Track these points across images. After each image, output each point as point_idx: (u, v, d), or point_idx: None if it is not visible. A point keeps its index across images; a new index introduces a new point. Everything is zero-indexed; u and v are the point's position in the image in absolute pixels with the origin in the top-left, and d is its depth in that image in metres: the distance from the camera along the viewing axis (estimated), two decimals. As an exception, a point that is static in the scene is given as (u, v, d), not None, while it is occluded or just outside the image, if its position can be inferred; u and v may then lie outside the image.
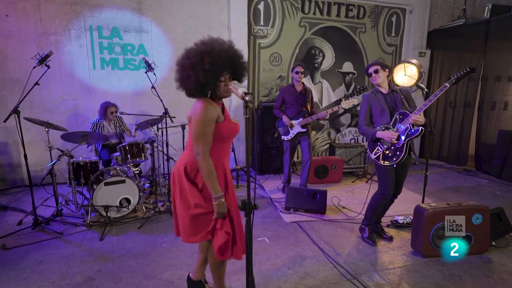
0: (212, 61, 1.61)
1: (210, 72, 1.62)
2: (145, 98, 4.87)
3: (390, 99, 2.85)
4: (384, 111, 2.84)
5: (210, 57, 1.61)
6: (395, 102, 2.84)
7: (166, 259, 2.64)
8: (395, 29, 6.34)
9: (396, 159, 2.73)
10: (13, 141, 4.46)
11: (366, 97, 2.95)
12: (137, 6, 4.71)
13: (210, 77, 1.63)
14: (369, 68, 2.88)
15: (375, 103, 2.88)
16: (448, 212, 2.63)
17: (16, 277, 2.36)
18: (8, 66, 4.29)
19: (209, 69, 1.61)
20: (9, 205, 3.82)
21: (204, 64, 1.61)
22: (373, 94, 2.92)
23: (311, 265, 2.57)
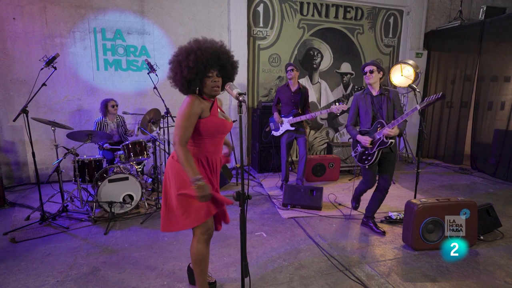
0: (197, 58, 1.69)
1: (194, 69, 1.70)
2: (147, 98, 5.01)
3: (377, 101, 3.04)
4: (369, 114, 3.06)
5: (195, 54, 1.69)
6: (381, 105, 3.02)
7: (168, 251, 2.77)
8: (393, 30, 6.45)
9: (368, 162, 3.04)
10: (19, 140, 4.61)
11: (356, 97, 3.16)
12: (139, 8, 4.84)
13: (194, 73, 1.71)
14: (366, 66, 3.04)
15: (362, 104, 3.10)
16: (437, 207, 2.75)
17: (27, 268, 2.49)
18: (15, 67, 4.43)
19: (193, 66, 1.69)
20: (17, 201, 3.97)
21: (189, 61, 1.69)
22: (362, 95, 3.12)
23: (305, 257, 2.69)
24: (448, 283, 2.34)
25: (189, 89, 1.80)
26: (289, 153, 4.37)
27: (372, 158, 2.98)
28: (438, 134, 6.58)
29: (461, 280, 2.38)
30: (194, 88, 1.81)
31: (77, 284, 2.29)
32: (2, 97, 4.43)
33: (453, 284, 2.34)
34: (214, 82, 1.79)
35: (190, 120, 1.74)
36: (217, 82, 1.81)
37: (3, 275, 2.39)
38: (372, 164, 3.02)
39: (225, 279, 2.35)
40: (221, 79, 1.84)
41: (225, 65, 1.81)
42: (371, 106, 3.06)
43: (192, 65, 1.69)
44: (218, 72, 1.80)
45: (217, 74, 1.80)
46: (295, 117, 4.12)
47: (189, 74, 1.72)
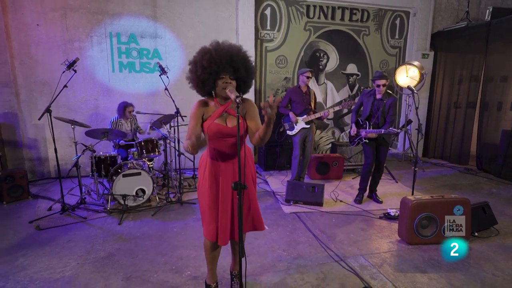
0: (211, 58, 1.72)
1: (208, 69, 1.74)
2: (159, 98, 5.27)
3: (377, 104, 3.82)
4: (366, 112, 3.90)
5: (210, 54, 1.73)
6: (379, 108, 3.79)
7: (176, 241, 3.00)
8: (399, 31, 6.54)
9: (352, 144, 4.10)
10: (41, 137, 4.94)
11: (363, 93, 4.01)
12: (152, 13, 5.11)
13: (207, 73, 1.74)
14: (378, 81, 3.72)
15: (365, 101, 3.94)
16: (431, 204, 2.88)
17: (50, 251, 2.77)
18: (38, 70, 4.76)
19: (206, 66, 1.73)
20: (39, 194, 4.29)
21: (204, 61, 1.74)
22: (368, 94, 3.86)
23: (304, 248, 2.87)
24: (437, 275, 2.48)
25: (203, 90, 1.84)
26: (301, 152, 4.51)
27: (353, 144, 4.09)
28: (444, 135, 6.62)
29: (450, 272, 2.52)
30: (209, 89, 1.83)
31: (95, 266, 2.55)
32: (26, 97, 4.77)
33: (442, 275, 2.47)
34: (225, 83, 1.78)
35: (193, 121, 1.87)
36: (229, 84, 1.79)
37: (31, 257, 2.67)
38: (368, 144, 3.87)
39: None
40: (234, 82, 1.83)
41: (238, 67, 1.79)
42: (370, 106, 3.85)
43: (206, 65, 1.73)
44: (231, 75, 1.80)
45: (230, 77, 1.80)
46: (309, 115, 4.32)
47: (203, 74, 1.76)
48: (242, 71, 1.82)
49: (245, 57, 1.85)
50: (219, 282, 2.28)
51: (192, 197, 4.12)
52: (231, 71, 1.80)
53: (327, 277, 2.42)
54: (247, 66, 1.84)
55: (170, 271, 2.50)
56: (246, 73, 1.85)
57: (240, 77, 1.85)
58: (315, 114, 4.32)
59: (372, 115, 3.86)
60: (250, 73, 1.88)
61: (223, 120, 1.87)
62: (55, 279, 2.38)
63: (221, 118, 1.87)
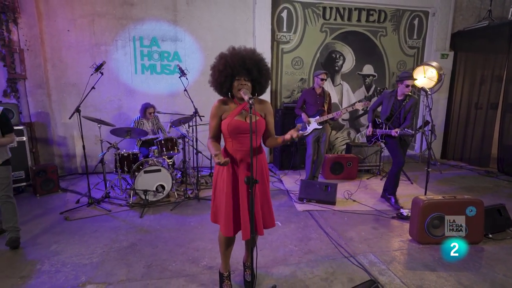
0: (226, 63, 1.90)
1: (223, 72, 1.91)
2: (178, 99, 5.49)
3: (398, 105, 3.86)
4: (387, 112, 3.93)
5: (225, 59, 1.91)
6: (399, 109, 3.84)
7: (193, 234, 3.17)
8: (417, 31, 6.47)
9: (370, 143, 4.22)
10: (70, 135, 5.28)
11: (384, 94, 4.01)
12: (173, 18, 5.34)
13: (224, 76, 1.91)
14: (408, 81, 3.71)
15: (386, 102, 3.96)
16: (442, 204, 2.90)
17: (79, 240, 3.01)
18: (67, 72, 5.09)
19: (222, 69, 1.91)
20: (68, 188, 4.60)
21: (220, 65, 1.92)
22: (389, 95, 3.90)
23: (315, 244, 2.97)
24: (447, 273, 2.52)
25: (222, 91, 2.01)
26: (315, 152, 4.61)
27: (370, 143, 4.20)
28: (464, 136, 6.49)
29: (460, 271, 2.54)
30: (226, 91, 2.00)
31: (119, 254, 2.76)
32: (57, 98, 5.12)
33: (452, 274, 2.51)
34: (240, 85, 1.93)
35: (213, 120, 2.05)
36: (244, 85, 1.93)
37: (63, 244, 2.92)
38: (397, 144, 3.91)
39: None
40: (249, 84, 1.96)
41: (251, 69, 1.92)
42: (391, 107, 3.90)
43: (222, 68, 1.91)
44: (245, 76, 1.94)
45: (245, 78, 1.94)
46: (322, 116, 4.41)
47: (220, 77, 1.93)
48: (255, 72, 1.96)
49: (258, 60, 1.96)
50: (233, 272, 2.42)
51: (209, 194, 4.29)
52: (245, 73, 1.94)
53: (336, 272, 2.52)
54: (260, 68, 1.97)
55: (187, 261, 2.67)
56: (259, 75, 1.98)
57: (254, 78, 1.98)
58: (327, 115, 4.39)
59: (392, 116, 3.90)
60: (263, 74, 2.00)
61: (243, 117, 2.01)
62: (84, 264, 2.60)
63: (241, 115, 2.01)
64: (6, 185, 2.86)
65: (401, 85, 3.78)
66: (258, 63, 1.96)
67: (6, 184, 2.86)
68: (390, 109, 3.88)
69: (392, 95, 3.89)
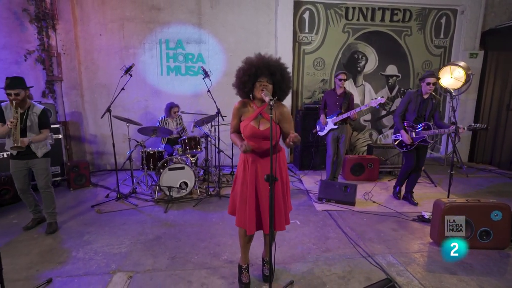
0: (251, 62, 2.05)
1: (247, 71, 2.05)
2: (201, 100, 5.67)
3: (425, 104, 3.78)
4: (415, 113, 3.83)
5: (251, 60, 2.07)
6: (426, 108, 3.78)
7: (214, 229, 3.30)
8: (444, 30, 6.29)
9: (405, 149, 3.90)
10: (100, 133, 5.59)
11: (410, 94, 3.85)
12: (197, 21, 5.52)
13: (247, 75, 2.04)
14: (429, 78, 3.65)
15: (413, 102, 3.82)
16: (465, 207, 2.85)
17: (109, 231, 3.22)
18: (98, 74, 5.40)
19: (246, 69, 2.06)
20: (98, 183, 4.89)
21: (245, 65, 2.08)
22: (415, 94, 3.80)
23: (333, 243, 3.01)
24: (468, 277, 2.48)
25: (243, 91, 2.11)
26: (335, 152, 4.62)
27: (411, 147, 3.85)
28: (494, 139, 6.23)
29: (483, 276, 2.50)
30: (248, 91, 2.10)
31: (145, 246, 2.93)
32: (89, 98, 5.44)
33: (473, 278, 2.47)
34: (262, 85, 2.03)
35: (234, 120, 2.21)
36: (265, 86, 2.03)
37: (94, 235, 3.14)
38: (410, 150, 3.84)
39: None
40: (271, 86, 2.05)
41: (275, 72, 2.03)
42: (418, 106, 3.79)
43: (246, 68, 2.05)
44: (268, 78, 2.04)
45: (268, 80, 2.05)
46: (338, 116, 4.42)
47: (244, 76, 2.06)
48: (278, 75, 2.08)
49: (281, 64, 2.10)
50: (252, 267, 2.51)
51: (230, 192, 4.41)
52: (268, 74, 2.05)
53: (354, 270, 2.55)
54: (282, 72, 2.10)
55: (208, 254, 2.79)
56: (282, 78, 2.10)
57: (276, 81, 2.09)
58: (342, 115, 4.39)
59: (420, 117, 3.82)
60: (285, 79, 2.12)
61: (257, 123, 2.12)
62: (114, 253, 2.79)
63: (255, 121, 2.12)
64: (45, 175, 3.13)
65: (423, 84, 3.73)
66: (281, 68, 2.09)
67: (46, 175, 3.13)
68: (417, 109, 3.79)
69: (419, 94, 3.79)
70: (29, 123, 3.01)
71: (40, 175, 3.11)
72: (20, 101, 2.92)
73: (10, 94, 2.87)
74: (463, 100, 6.30)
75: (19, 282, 2.37)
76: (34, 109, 3.06)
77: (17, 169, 3.06)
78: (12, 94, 2.87)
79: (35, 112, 3.05)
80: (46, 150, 3.14)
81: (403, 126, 3.87)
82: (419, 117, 3.83)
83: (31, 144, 3.01)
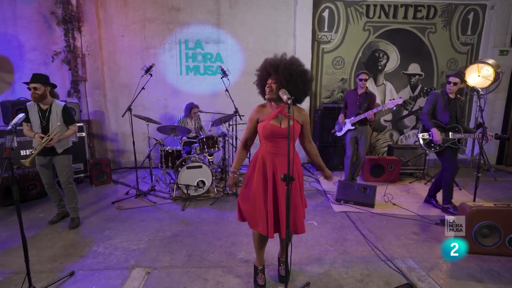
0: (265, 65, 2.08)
1: (261, 75, 2.10)
2: (219, 99, 5.70)
3: (453, 104, 3.63)
4: (446, 112, 3.63)
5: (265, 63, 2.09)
6: (455, 108, 3.63)
7: (231, 228, 3.30)
8: (472, 27, 6.02)
9: (434, 150, 3.69)
10: (121, 132, 5.75)
11: (435, 94, 3.69)
12: (216, 21, 5.56)
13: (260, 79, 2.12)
14: (452, 77, 3.56)
15: (441, 102, 3.64)
16: (493, 212, 2.71)
17: (128, 228, 3.30)
18: (120, 74, 5.55)
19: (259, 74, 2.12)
20: (118, 180, 5.02)
21: (261, 69, 2.13)
22: (441, 94, 3.65)
23: (351, 245, 2.94)
24: (495, 286, 2.35)
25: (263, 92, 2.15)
26: (354, 153, 4.53)
27: (440, 148, 3.63)
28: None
29: (511, 285, 2.36)
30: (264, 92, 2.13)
31: (163, 243, 2.98)
32: (111, 98, 5.61)
33: (501, 287, 2.34)
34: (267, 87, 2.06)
35: (249, 123, 2.20)
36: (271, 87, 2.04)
37: (114, 231, 3.23)
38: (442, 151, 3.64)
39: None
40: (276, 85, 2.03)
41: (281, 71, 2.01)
42: (448, 106, 3.63)
43: (259, 72, 2.13)
44: (276, 79, 2.03)
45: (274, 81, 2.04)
46: (355, 117, 4.33)
47: (257, 80, 2.15)
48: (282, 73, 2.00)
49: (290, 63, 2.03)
50: (267, 267, 2.50)
51: (246, 191, 4.42)
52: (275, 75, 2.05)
53: (372, 274, 2.48)
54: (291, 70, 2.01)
55: (224, 253, 2.80)
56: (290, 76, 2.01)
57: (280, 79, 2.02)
58: (360, 115, 4.29)
59: (452, 116, 3.64)
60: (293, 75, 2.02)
61: (278, 122, 2.11)
62: (132, 249, 2.86)
63: (276, 120, 2.11)
64: (67, 172, 3.24)
65: (447, 85, 3.63)
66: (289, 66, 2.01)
67: (67, 171, 3.24)
68: (449, 108, 3.62)
69: (445, 94, 3.65)
70: (52, 119, 3.11)
71: (62, 172, 3.22)
72: (39, 96, 3.03)
73: (30, 88, 3.01)
74: (491, 100, 6.01)
75: (44, 274, 2.47)
76: (56, 107, 3.16)
77: (41, 165, 3.18)
78: (32, 88, 3.00)
79: (57, 109, 3.16)
80: (67, 147, 3.24)
81: (433, 124, 3.63)
82: (451, 118, 3.64)
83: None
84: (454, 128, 3.61)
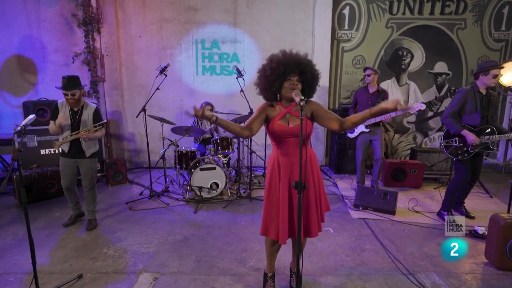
0: (278, 60, 1.88)
1: (276, 70, 1.87)
2: (235, 99, 5.61)
3: (485, 102, 3.19)
4: (476, 112, 3.19)
5: (278, 57, 1.90)
6: (487, 106, 3.19)
7: (243, 233, 3.20)
8: (507, 22, 5.61)
9: (461, 157, 3.25)
10: (137, 132, 5.79)
11: (465, 92, 3.22)
12: (233, 20, 5.48)
13: (275, 74, 1.87)
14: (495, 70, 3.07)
15: (471, 101, 3.19)
16: (531, 225, 2.45)
17: (140, 230, 3.27)
18: (137, 74, 5.59)
19: (275, 67, 1.87)
20: (134, 180, 5.05)
21: (272, 63, 1.89)
22: (472, 91, 3.20)
23: (369, 256, 2.76)
24: (533, 309, 2.11)
25: (269, 91, 1.94)
26: (365, 156, 4.34)
27: (468, 155, 3.21)
28: None
29: (552, 309, 2.11)
30: (275, 91, 1.93)
31: (173, 246, 2.92)
32: (129, 98, 5.66)
33: (540, 310, 2.09)
34: (292, 84, 1.88)
35: (255, 113, 2.02)
36: (296, 85, 1.88)
37: (126, 232, 3.21)
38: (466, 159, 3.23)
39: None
40: (300, 85, 1.91)
41: (305, 70, 1.89)
42: (480, 105, 3.17)
43: (275, 66, 1.87)
44: (298, 77, 1.90)
45: (298, 79, 1.90)
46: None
47: (271, 75, 1.88)
48: (308, 74, 1.93)
49: (310, 61, 1.97)
50: (279, 276, 2.37)
51: (261, 194, 4.30)
52: (298, 73, 1.91)
53: (392, 290, 2.30)
54: (313, 70, 1.96)
55: (235, 260, 2.70)
56: (312, 77, 1.96)
57: (306, 80, 1.95)
58: (376, 118, 3.98)
59: (485, 116, 3.20)
60: (315, 76, 1.98)
61: (286, 121, 1.99)
62: (142, 252, 2.81)
63: (284, 119, 1.99)
64: (90, 176, 3.24)
65: (484, 77, 3.12)
66: (311, 65, 1.95)
67: (90, 175, 3.24)
68: (480, 108, 3.17)
69: (476, 91, 3.19)
70: (83, 121, 3.12)
71: (86, 175, 3.22)
72: (77, 101, 3.04)
73: (67, 94, 3.00)
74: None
75: (54, 275, 2.46)
76: (88, 108, 3.17)
77: (66, 167, 3.17)
78: (69, 94, 2.99)
79: (89, 111, 3.16)
80: (95, 150, 3.25)
81: (461, 126, 3.21)
82: (483, 119, 3.20)
83: (83, 142, 3.11)
84: (486, 130, 3.18)
